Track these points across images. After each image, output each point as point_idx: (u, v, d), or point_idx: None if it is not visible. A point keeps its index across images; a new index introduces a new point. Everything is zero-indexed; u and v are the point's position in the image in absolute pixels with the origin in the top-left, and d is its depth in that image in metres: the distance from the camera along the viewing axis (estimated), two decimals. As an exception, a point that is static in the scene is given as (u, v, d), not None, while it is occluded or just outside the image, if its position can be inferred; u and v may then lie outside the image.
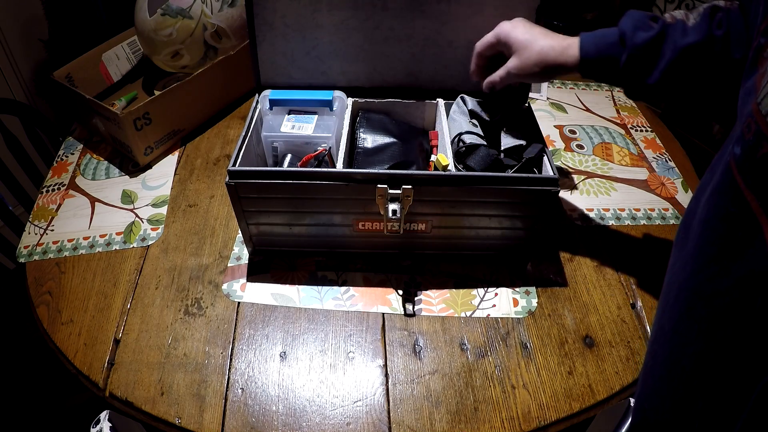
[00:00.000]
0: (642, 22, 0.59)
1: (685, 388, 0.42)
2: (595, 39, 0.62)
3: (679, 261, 0.43)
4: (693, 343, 0.40)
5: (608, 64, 0.61)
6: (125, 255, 0.81)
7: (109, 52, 1.08)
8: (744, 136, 0.34)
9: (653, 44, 0.58)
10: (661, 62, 0.58)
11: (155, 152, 0.97)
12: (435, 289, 0.76)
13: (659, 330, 0.46)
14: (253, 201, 0.71)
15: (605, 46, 0.61)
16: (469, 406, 0.64)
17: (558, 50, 0.64)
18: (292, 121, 0.80)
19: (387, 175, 0.67)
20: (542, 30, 0.67)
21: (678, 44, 0.57)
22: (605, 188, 0.93)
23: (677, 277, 0.43)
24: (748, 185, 0.34)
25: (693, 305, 0.40)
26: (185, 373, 0.67)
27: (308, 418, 0.63)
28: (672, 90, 0.60)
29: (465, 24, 0.78)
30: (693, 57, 0.57)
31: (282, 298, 0.75)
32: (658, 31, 0.58)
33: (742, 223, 0.35)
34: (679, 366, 0.42)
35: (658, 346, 0.46)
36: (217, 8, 0.98)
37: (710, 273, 0.38)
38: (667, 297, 0.44)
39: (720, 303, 0.37)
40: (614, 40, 0.60)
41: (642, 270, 0.79)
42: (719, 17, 0.57)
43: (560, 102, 1.13)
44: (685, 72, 0.58)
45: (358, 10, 0.78)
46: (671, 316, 0.43)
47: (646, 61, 0.59)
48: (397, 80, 0.85)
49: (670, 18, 0.59)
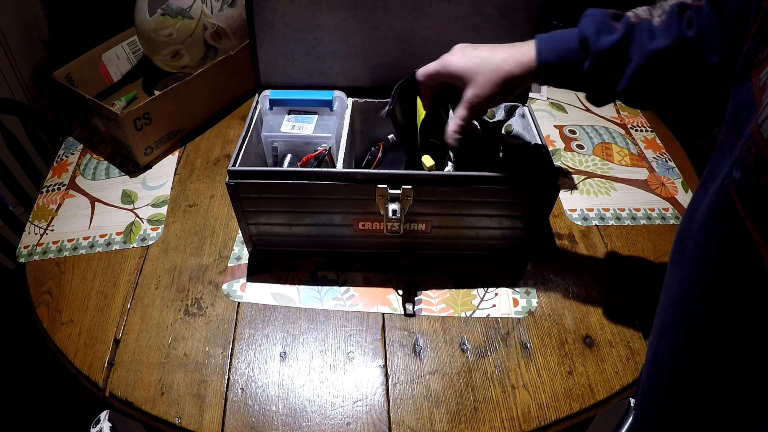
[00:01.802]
0: (604, 23, 0.53)
1: (686, 417, 0.40)
2: (553, 44, 0.56)
3: (675, 283, 0.41)
4: (692, 374, 0.39)
5: (569, 71, 0.55)
6: (125, 255, 0.81)
7: (109, 52, 1.08)
8: (744, 159, 0.32)
9: (619, 49, 0.52)
10: (628, 68, 0.53)
11: (155, 152, 0.97)
12: (435, 289, 0.76)
13: (656, 354, 0.44)
14: (253, 201, 0.71)
15: (565, 52, 0.55)
16: (469, 406, 0.64)
17: (514, 61, 0.57)
18: (292, 121, 0.80)
19: (387, 175, 0.67)
20: (488, 46, 0.60)
21: (646, 48, 0.52)
22: (605, 188, 0.93)
23: (673, 301, 0.41)
24: (749, 214, 0.31)
25: (691, 337, 0.38)
26: (185, 373, 0.67)
27: (308, 418, 0.63)
28: (641, 96, 0.55)
29: (465, 24, 0.78)
30: (663, 62, 0.52)
31: (282, 298, 0.75)
32: (623, 33, 0.52)
33: (742, 254, 0.33)
34: (678, 396, 0.41)
35: (655, 372, 0.44)
36: (217, 8, 0.98)
37: (708, 304, 0.36)
38: (664, 320, 0.43)
39: (719, 338, 0.36)
40: (575, 45, 0.54)
41: (642, 270, 0.79)
42: (688, 16, 0.52)
43: (560, 102, 1.13)
44: (655, 78, 0.53)
45: (358, 10, 0.78)
46: (668, 342, 0.42)
47: (612, 67, 0.53)
48: (397, 80, 0.84)
49: (634, 17, 0.53)
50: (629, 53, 0.53)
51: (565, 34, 0.55)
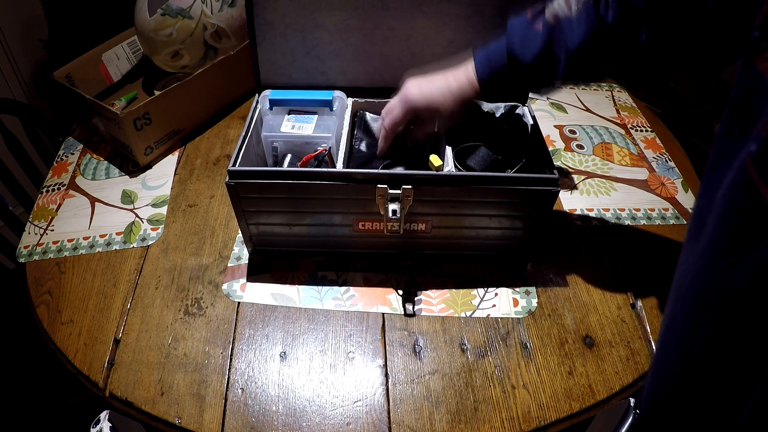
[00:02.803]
0: (526, 34, 0.59)
1: (697, 374, 0.42)
2: (491, 64, 0.63)
3: (691, 256, 0.44)
4: (705, 328, 0.41)
5: (509, 82, 0.62)
6: (125, 255, 0.81)
7: (109, 52, 1.08)
8: (760, 134, 0.35)
9: (545, 55, 0.58)
10: (559, 67, 0.58)
11: (155, 152, 0.97)
12: (435, 289, 0.76)
13: (671, 321, 0.46)
14: (253, 201, 0.71)
15: (499, 68, 0.62)
16: (469, 406, 0.64)
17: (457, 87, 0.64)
18: (292, 121, 0.80)
19: (387, 175, 0.67)
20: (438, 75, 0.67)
21: (570, 46, 0.56)
22: (605, 188, 0.93)
23: (689, 270, 0.43)
24: (764, 179, 0.34)
25: (706, 295, 0.41)
26: (185, 373, 0.67)
27: (308, 418, 0.63)
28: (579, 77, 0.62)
29: (465, 24, 0.78)
30: (588, 52, 0.56)
31: (282, 298, 0.75)
32: (546, 38, 0.58)
33: (755, 215, 0.35)
34: (691, 352, 0.42)
35: (670, 336, 0.46)
36: (217, 8, 0.98)
37: (723, 263, 0.39)
38: (679, 289, 0.45)
39: (732, 290, 0.38)
40: (505, 62, 0.61)
41: (642, 270, 0.79)
42: (604, 2, 0.55)
43: (560, 102, 1.13)
44: (586, 65, 0.58)
45: (358, 10, 0.78)
46: (683, 306, 0.44)
47: (544, 71, 0.59)
48: (397, 80, 0.84)
49: (551, 18, 0.58)
50: (556, 54, 0.58)
51: (496, 51, 0.62)
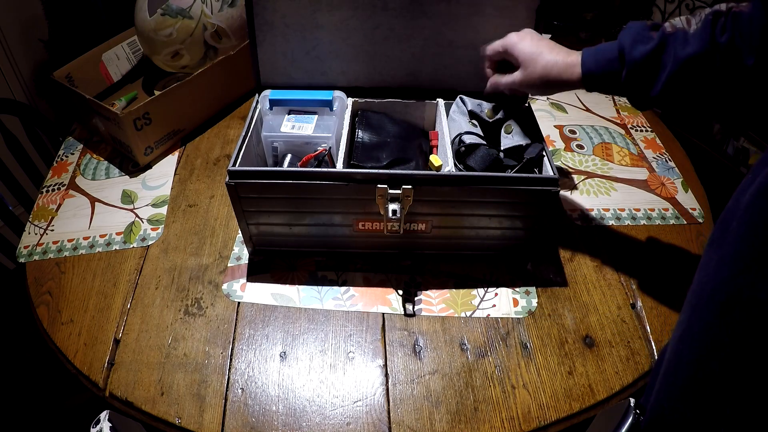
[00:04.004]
0: (641, 34, 0.59)
1: (713, 393, 0.41)
2: (596, 55, 0.62)
3: (713, 261, 0.43)
4: (725, 347, 0.40)
5: (610, 79, 0.61)
6: (125, 255, 0.81)
7: (109, 52, 1.08)
8: None
9: (653, 57, 0.57)
10: (662, 74, 0.57)
11: (155, 152, 0.97)
12: (435, 289, 0.76)
13: (687, 329, 0.45)
14: (253, 201, 0.71)
15: (605, 62, 0.61)
16: (469, 406, 0.64)
17: (562, 66, 0.64)
18: (292, 121, 0.80)
19: (387, 175, 0.67)
20: (549, 44, 0.67)
21: (679, 55, 0.56)
22: (605, 188, 0.93)
23: (711, 278, 0.42)
24: None
25: (729, 309, 0.40)
26: (185, 373, 0.67)
27: (308, 418, 0.63)
28: (677, 100, 0.59)
29: (465, 24, 0.78)
30: (695, 67, 0.55)
31: (282, 298, 0.75)
32: (658, 42, 0.57)
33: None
34: (708, 368, 0.42)
35: (685, 346, 0.45)
36: (217, 8, 0.98)
37: (750, 278, 0.38)
38: (699, 297, 0.44)
39: (758, 310, 0.37)
40: (614, 55, 0.60)
41: (642, 270, 0.79)
42: (722, 23, 0.55)
43: (560, 102, 1.13)
44: (689, 82, 0.57)
45: (358, 10, 0.78)
46: (702, 317, 0.43)
47: (647, 74, 0.58)
48: (397, 80, 0.85)
49: (670, 27, 0.58)
50: (663, 61, 0.57)
51: (607, 46, 0.62)
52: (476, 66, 0.79)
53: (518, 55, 0.68)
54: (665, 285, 0.77)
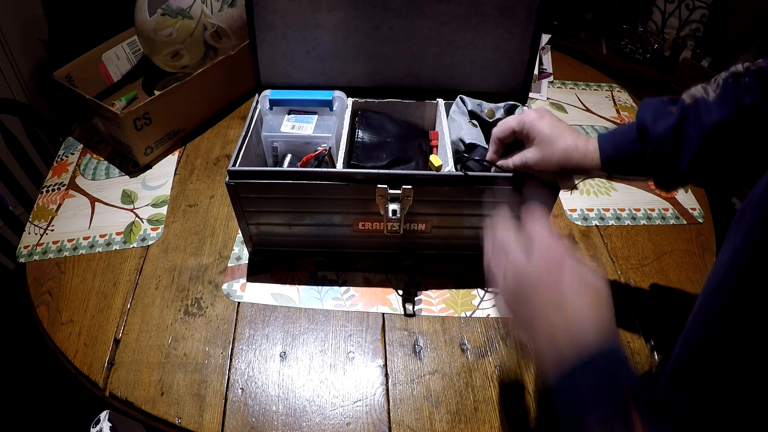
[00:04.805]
0: (660, 110, 0.56)
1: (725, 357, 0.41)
2: (614, 138, 0.59)
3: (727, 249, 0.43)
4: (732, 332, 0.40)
5: (633, 162, 0.58)
6: (125, 255, 0.81)
7: (109, 52, 1.08)
8: None
9: (677, 132, 0.54)
10: (689, 148, 0.54)
11: (155, 152, 0.97)
12: (435, 289, 0.76)
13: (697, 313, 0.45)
14: (253, 201, 0.71)
15: (627, 144, 0.58)
16: (469, 406, 0.64)
17: (582, 152, 0.61)
18: (292, 121, 0.80)
19: (387, 175, 0.67)
20: (565, 127, 0.63)
21: (705, 125, 0.53)
22: (605, 188, 0.93)
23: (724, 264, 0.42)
24: None
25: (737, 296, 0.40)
26: (185, 373, 0.67)
27: (308, 418, 0.63)
28: (707, 172, 0.56)
29: (465, 24, 0.78)
30: (724, 134, 0.52)
31: (282, 298, 0.75)
32: (680, 116, 0.54)
33: None
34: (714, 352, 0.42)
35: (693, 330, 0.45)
36: (217, 8, 0.98)
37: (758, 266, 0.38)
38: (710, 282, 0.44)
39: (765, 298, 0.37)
40: (633, 136, 0.57)
41: (642, 270, 0.79)
42: (744, 83, 0.52)
43: (560, 102, 1.13)
44: (719, 152, 0.53)
45: (358, 10, 0.78)
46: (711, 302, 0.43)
47: (673, 150, 0.55)
48: (397, 80, 0.85)
49: (689, 99, 0.55)
50: (688, 134, 0.54)
51: (624, 129, 0.59)
52: (476, 66, 0.79)
53: (537, 133, 0.63)
54: (665, 285, 0.77)
